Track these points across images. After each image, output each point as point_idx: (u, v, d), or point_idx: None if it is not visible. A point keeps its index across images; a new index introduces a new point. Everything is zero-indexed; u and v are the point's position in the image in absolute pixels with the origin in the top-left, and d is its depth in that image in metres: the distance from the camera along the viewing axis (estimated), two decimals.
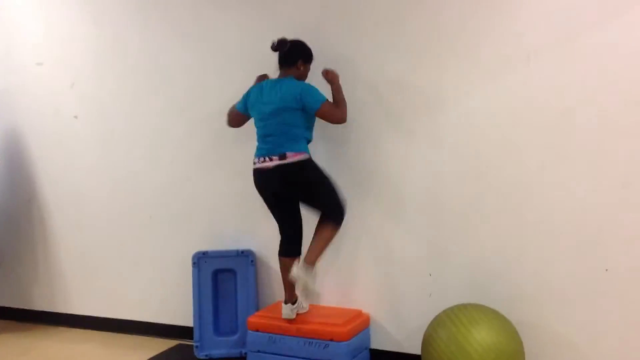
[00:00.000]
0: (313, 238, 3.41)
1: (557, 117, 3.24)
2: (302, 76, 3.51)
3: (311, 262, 3.35)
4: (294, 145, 3.36)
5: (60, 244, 4.68)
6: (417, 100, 3.55)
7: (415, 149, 3.58)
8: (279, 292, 3.91)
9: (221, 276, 4.00)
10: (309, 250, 3.38)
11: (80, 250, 4.60)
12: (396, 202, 3.65)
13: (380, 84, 3.63)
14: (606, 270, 3.17)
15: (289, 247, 3.54)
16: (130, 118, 4.36)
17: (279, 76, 3.48)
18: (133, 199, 4.40)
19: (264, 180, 3.44)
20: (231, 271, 3.98)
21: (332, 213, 3.40)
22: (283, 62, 3.47)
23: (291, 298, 3.56)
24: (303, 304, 3.64)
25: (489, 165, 3.41)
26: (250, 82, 3.71)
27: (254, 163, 3.46)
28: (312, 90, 3.36)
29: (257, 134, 3.48)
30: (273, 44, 3.44)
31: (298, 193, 3.46)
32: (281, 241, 3.58)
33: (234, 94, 3.75)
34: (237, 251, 3.97)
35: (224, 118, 3.72)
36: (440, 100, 3.49)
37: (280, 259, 3.57)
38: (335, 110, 3.38)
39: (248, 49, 3.95)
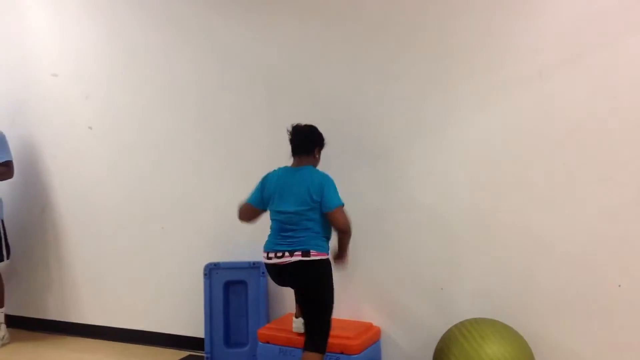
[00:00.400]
0: None
1: (569, 132, 3.24)
2: (317, 162, 3.42)
3: None
4: (317, 244, 3.21)
5: (72, 255, 4.72)
6: (429, 115, 3.56)
7: (428, 165, 3.58)
8: (290, 304, 3.91)
9: (232, 287, 4.01)
10: None
11: (93, 260, 4.64)
12: (408, 216, 3.65)
13: (393, 98, 3.64)
14: (619, 285, 3.15)
15: None
16: (142, 129, 4.41)
17: (294, 164, 3.35)
18: (145, 210, 4.43)
19: (282, 274, 3.28)
20: (242, 283, 3.99)
21: (319, 342, 3.21)
22: (300, 151, 3.34)
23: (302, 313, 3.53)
24: None
25: (501, 180, 3.41)
26: (261, 96, 3.75)
27: (267, 255, 3.29)
28: (333, 188, 3.22)
29: (275, 225, 3.32)
30: (289, 132, 3.35)
31: (305, 293, 3.31)
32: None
33: (246, 107, 3.78)
34: (249, 263, 3.98)
35: (238, 134, 3.69)
36: (452, 116, 3.50)
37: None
38: (346, 220, 3.23)
39: (262, 63, 3.99)
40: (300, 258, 3.18)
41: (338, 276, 3.59)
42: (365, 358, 3.52)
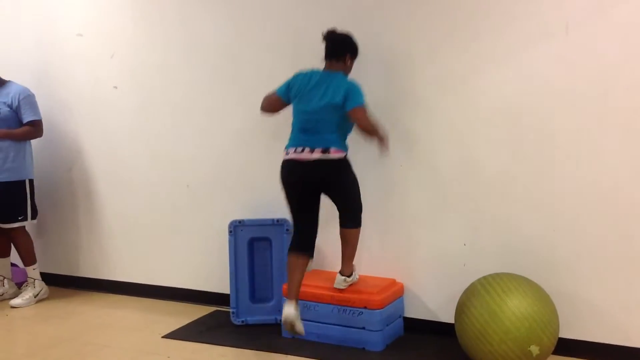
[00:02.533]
0: (343, 246, 3.53)
1: (595, 87, 3.19)
2: (348, 70, 3.49)
3: (350, 271, 3.56)
4: (337, 142, 3.35)
5: (100, 213, 4.80)
6: (451, 68, 3.52)
7: (450, 119, 3.57)
8: (315, 262, 3.96)
9: (257, 244, 4.05)
10: (344, 261, 3.55)
11: (120, 218, 4.72)
12: (430, 172, 3.65)
13: (414, 52, 3.61)
14: None
15: (304, 242, 3.49)
16: (168, 88, 4.42)
17: (325, 68, 3.45)
18: (171, 169, 4.48)
19: (299, 171, 3.39)
20: (267, 239, 4.03)
21: (355, 217, 3.50)
22: (331, 55, 3.44)
23: (294, 296, 3.43)
24: (355, 276, 3.65)
25: (525, 135, 3.38)
26: (289, 58, 3.78)
27: (287, 153, 3.42)
28: (358, 90, 3.32)
29: (296, 124, 3.44)
30: (324, 34, 3.44)
31: (329, 190, 3.46)
32: (294, 236, 3.52)
33: (271, 68, 3.77)
34: (273, 220, 4.01)
35: (261, 94, 3.70)
36: (475, 70, 3.46)
37: (290, 256, 3.47)
38: (368, 118, 3.29)
39: (289, 23, 3.97)
40: (320, 155, 3.30)
41: (362, 235, 3.61)
42: (388, 312, 3.56)
